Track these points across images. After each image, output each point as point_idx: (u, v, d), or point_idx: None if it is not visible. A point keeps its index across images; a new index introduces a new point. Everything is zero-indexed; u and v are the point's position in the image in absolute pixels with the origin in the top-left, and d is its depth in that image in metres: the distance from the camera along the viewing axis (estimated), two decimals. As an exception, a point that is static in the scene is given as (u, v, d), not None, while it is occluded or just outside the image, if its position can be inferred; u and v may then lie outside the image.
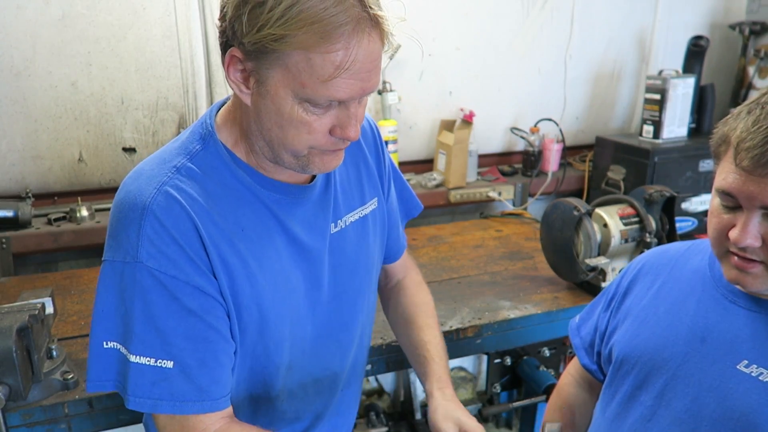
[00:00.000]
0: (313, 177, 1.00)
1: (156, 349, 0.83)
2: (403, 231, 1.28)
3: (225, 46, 0.81)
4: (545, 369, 1.82)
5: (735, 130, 0.83)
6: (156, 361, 0.83)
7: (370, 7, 0.77)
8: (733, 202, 0.84)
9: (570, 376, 1.27)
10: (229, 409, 0.92)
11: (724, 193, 0.84)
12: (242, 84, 0.83)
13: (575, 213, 1.67)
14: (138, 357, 0.83)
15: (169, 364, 0.83)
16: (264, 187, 0.92)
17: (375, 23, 0.78)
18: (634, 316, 1.06)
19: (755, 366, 0.87)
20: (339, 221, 1.04)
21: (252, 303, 0.91)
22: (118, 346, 0.85)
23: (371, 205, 1.11)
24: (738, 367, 0.88)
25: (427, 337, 1.17)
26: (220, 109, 0.95)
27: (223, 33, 0.81)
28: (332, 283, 1.04)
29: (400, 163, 2.53)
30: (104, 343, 0.86)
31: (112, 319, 0.86)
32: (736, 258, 0.86)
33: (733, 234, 0.84)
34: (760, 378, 0.85)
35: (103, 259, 0.87)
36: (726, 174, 0.84)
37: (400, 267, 1.28)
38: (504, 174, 2.69)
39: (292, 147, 0.84)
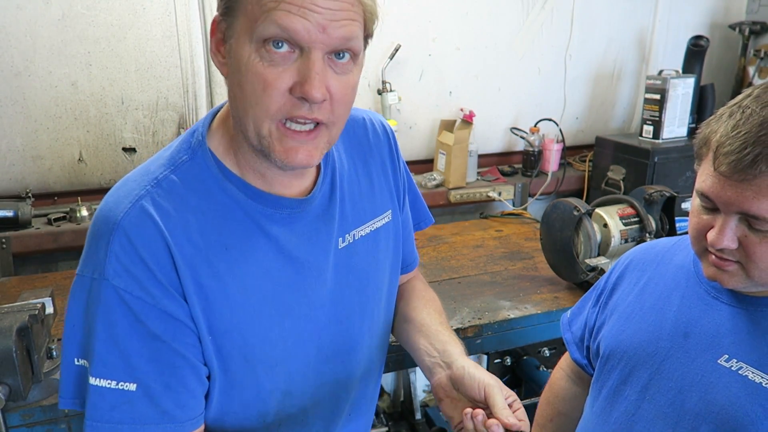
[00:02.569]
0: (313, 187, 0.91)
1: (118, 372, 0.78)
2: (414, 245, 1.20)
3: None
4: (545, 369, 1.82)
5: (715, 133, 0.83)
6: (118, 384, 0.78)
7: None
8: (711, 204, 0.85)
9: (561, 370, 1.28)
10: (200, 430, 0.86)
11: (703, 196, 0.85)
12: (219, 54, 0.80)
13: (575, 213, 1.67)
14: (98, 380, 0.77)
15: (132, 386, 0.78)
16: (254, 200, 0.84)
17: None
18: (621, 312, 1.08)
19: (735, 360, 0.88)
20: (347, 235, 0.95)
21: (232, 328, 0.84)
22: (87, 364, 0.80)
23: (384, 218, 1.02)
24: (719, 361, 0.90)
25: (443, 336, 1.05)
26: (216, 114, 0.90)
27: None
28: (338, 303, 0.95)
29: (400, 163, 2.52)
30: (75, 359, 0.81)
31: (80, 335, 0.80)
32: (713, 257, 0.87)
33: (710, 236, 0.85)
34: (740, 372, 0.87)
35: (76, 272, 0.82)
36: (705, 177, 0.85)
37: (408, 275, 1.21)
38: (504, 174, 2.69)
39: (253, 114, 0.75)
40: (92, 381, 0.78)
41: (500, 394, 0.88)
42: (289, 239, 0.87)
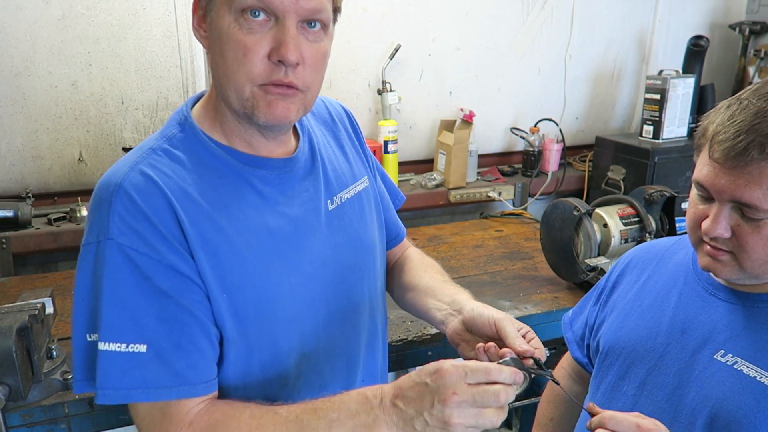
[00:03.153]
0: (295, 150, 0.97)
1: (127, 333, 0.78)
2: (397, 217, 1.25)
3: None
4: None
5: (713, 123, 0.86)
6: (128, 346, 0.78)
7: None
8: (707, 194, 0.87)
9: (563, 369, 1.29)
10: (213, 395, 0.86)
11: (699, 185, 0.87)
12: (201, 29, 0.86)
13: (575, 213, 1.67)
14: (107, 344, 0.77)
15: (143, 348, 0.78)
16: (243, 162, 0.89)
17: None
18: (620, 309, 1.09)
19: (730, 355, 0.89)
20: (335, 198, 1.01)
21: (245, 284, 0.86)
22: (97, 338, 0.80)
23: (363, 183, 1.08)
24: (715, 357, 0.91)
25: (449, 290, 1.09)
26: (196, 102, 0.95)
27: None
28: (336, 262, 0.99)
29: (400, 163, 2.53)
30: (87, 336, 0.81)
31: (89, 306, 0.81)
32: (708, 246, 0.89)
33: (704, 225, 0.87)
34: (735, 366, 0.88)
35: (81, 245, 0.83)
36: (702, 166, 0.87)
37: (400, 248, 1.25)
38: (504, 174, 2.69)
39: (234, 79, 0.82)
40: (102, 347, 0.78)
41: (511, 326, 0.90)
42: (281, 198, 0.92)
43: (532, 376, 0.82)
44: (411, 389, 0.75)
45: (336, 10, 0.89)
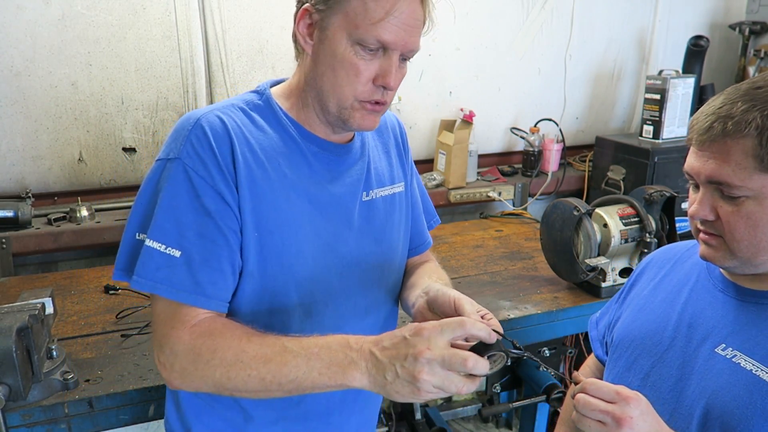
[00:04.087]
0: (351, 141, 1.10)
1: (169, 238, 0.91)
2: (426, 230, 1.32)
3: (299, 5, 0.98)
4: (545, 369, 1.82)
5: (697, 112, 0.93)
6: (166, 248, 0.90)
7: None
8: (694, 181, 0.92)
9: (587, 368, 1.32)
10: (222, 315, 0.96)
11: (686, 173, 0.93)
12: (307, 36, 0.98)
13: (575, 213, 1.67)
14: (152, 242, 0.91)
15: (177, 253, 0.91)
16: (303, 136, 1.02)
17: None
18: (634, 305, 1.12)
19: (730, 349, 0.92)
20: (371, 192, 1.11)
21: (276, 229, 0.97)
22: (144, 237, 0.92)
23: (399, 187, 1.18)
24: (716, 350, 0.93)
25: (433, 280, 1.13)
26: (272, 86, 1.08)
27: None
28: (358, 248, 1.08)
29: (400, 163, 2.52)
30: (137, 234, 0.94)
31: (145, 211, 0.94)
32: (702, 234, 0.93)
33: (690, 209, 0.93)
34: (734, 360, 0.90)
35: (155, 160, 0.97)
36: (688, 156, 0.92)
37: (420, 257, 1.29)
38: (504, 174, 2.69)
39: (340, 92, 0.96)
40: (147, 242, 0.91)
41: (470, 305, 0.95)
42: (326, 176, 1.05)
43: (510, 356, 0.84)
44: (389, 340, 0.80)
45: None
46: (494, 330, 0.83)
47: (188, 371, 0.90)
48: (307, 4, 0.96)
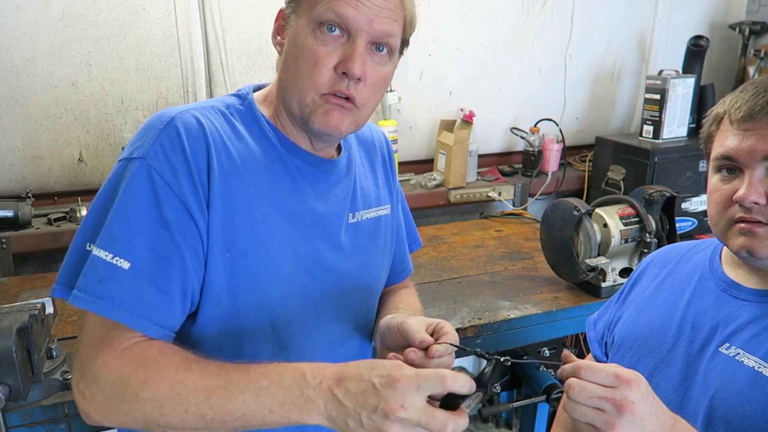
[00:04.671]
0: (338, 154, 1.03)
1: (118, 246, 0.79)
2: (408, 255, 1.25)
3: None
4: (545, 369, 1.82)
5: (724, 104, 0.89)
6: (113, 258, 0.79)
7: None
8: (733, 164, 0.87)
9: None
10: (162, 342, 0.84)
11: (724, 158, 0.88)
12: (279, 36, 0.95)
13: (575, 213, 1.67)
14: (99, 250, 0.79)
15: (126, 264, 0.79)
16: (289, 151, 0.95)
17: None
18: (636, 305, 1.12)
19: (734, 347, 0.91)
20: (357, 213, 1.04)
21: (251, 250, 0.88)
22: (93, 247, 0.81)
23: (384, 209, 1.11)
24: (720, 349, 0.93)
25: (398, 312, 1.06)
26: (255, 90, 1.02)
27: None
28: (339, 272, 1.00)
29: (400, 163, 2.53)
30: (87, 245, 0.82)
31: (97, 217, 0.83)
32: (742, 224, 0.87)
33: (739, 193, 0.86)
34: (737, 358, 0.90)
35: (117, 160, 0.87)
36: (722, 141, 0.88)
37: (399, 285, 1.23)
38: (504, 174, 2.69)
39: (301, 85, 0.88)
40: (94, 251, 0.80)
41: (415, 324, 0.89)
42: (310, 192, 0.97)
43: (478, 391, 0.71)
44: (355, 382, 0.70)
45: (404, 42, 0.98)
46: (451, 344, 0.79)
47: (112, 404, 0.77)
48: (283, 5, 0.93)
